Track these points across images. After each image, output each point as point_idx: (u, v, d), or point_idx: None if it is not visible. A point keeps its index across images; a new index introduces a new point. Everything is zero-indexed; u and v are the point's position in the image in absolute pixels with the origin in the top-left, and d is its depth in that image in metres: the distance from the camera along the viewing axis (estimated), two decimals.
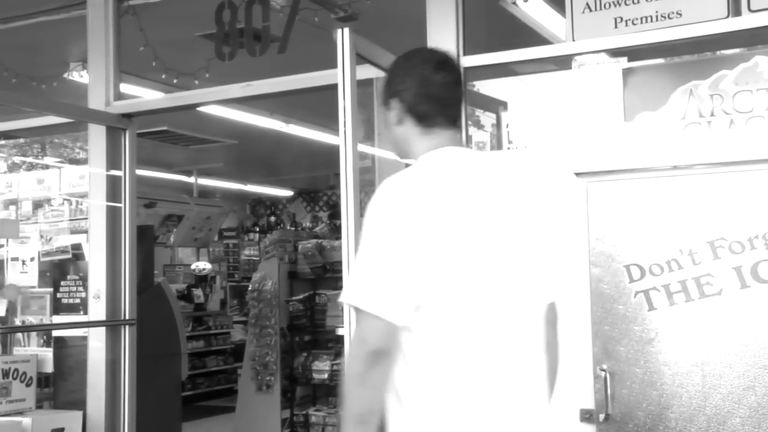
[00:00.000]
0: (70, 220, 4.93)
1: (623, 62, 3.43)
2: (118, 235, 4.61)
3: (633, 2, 3.46)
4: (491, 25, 4.25)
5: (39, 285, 4.91)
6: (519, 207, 1.92)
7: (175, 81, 4.70)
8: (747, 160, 2.75)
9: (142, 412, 4.59)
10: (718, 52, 3.51)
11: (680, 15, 3.37)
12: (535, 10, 3.95)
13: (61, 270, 4.85)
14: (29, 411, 4.41)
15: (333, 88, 3.06)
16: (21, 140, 5.63)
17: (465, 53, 3.75)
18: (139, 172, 4.80)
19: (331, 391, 6.71)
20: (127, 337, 4.53)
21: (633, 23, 3.45)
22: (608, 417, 2.82)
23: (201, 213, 9.68)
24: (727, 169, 2.78)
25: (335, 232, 7.61)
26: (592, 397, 2.86)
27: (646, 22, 3.42)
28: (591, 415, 2.87)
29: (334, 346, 6.72)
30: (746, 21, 3.28)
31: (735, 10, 3.29)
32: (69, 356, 4.78)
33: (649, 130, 3.33)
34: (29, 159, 5.65)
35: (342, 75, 3.03)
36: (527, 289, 1.90)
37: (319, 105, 5.73)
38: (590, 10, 3.52)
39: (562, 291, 2.02)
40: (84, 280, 4.72)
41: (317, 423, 6.55)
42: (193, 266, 10.63)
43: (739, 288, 2.72)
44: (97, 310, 4.59)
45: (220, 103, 5.24)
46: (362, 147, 3.94)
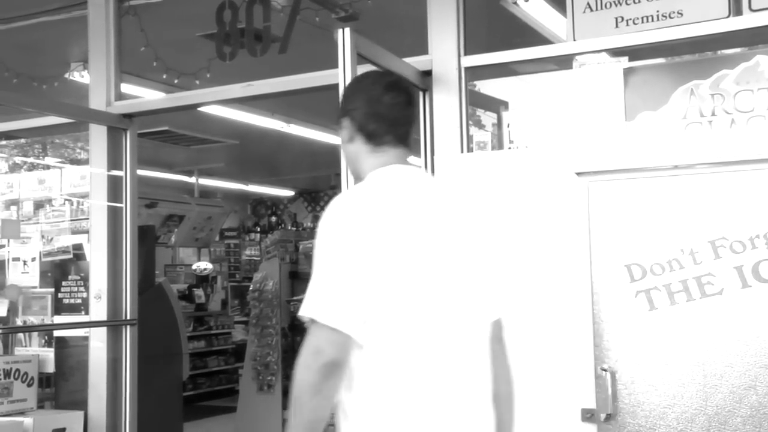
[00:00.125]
0: (72, 220, 4.93)
1: (624, 62, 3.44)
2: (120, 236, 4.61)
3: (634, 2, 3.46)
4: (492, 24, 4.25)
5: (40, 285, 4.91)
6: (461, 226, 1.99)
7: (176, 81, 4.70)
8: (748, 159, 2.75)
9: (143, 412, 4.59)
10: (719, 52, 3.51)
11: (681, 14, 3.37)
12: (535, 10, 3.95)
13: (63, 270, 4.85)
14: (31, 411, 4.42)
15: (334, 88, 3.05)
16: (22, 140, 5.64)
17: (466, 53, 3.75)
18: (140, 172, 4.80)
19: None
20: (128, 337, 4.53)
21: (634, 23, 3.45)
22: (609, 416, 2.82)
23: (202, 213, 9.69)
24: (728, 169, 2.78)
25: None
26: (594, 396, 2.86)
27: (647, 21, 3.42)
28: (592, 415, 2.87)
29: None
30: (747, 20, 3.28)
31: (736, 9, 3.29)
32: (70, 356, 4.79)
33: (650, 129, 3.33)
34: (30, 159, 5.66)
35: (343, 75, 3.04)
36: (471, 306, 1.96)
37: (319, 105, 5.74)
38: (591, 10, 3.52)
39: (506, 308, 2.07)
40: (85, 280, 4.72)
41: None
42: (194, 266, 10.63)
43: (741, 287, 2.72)
44: (98, 310, 4.59)
45: (221, 103, 5.24)
46: None
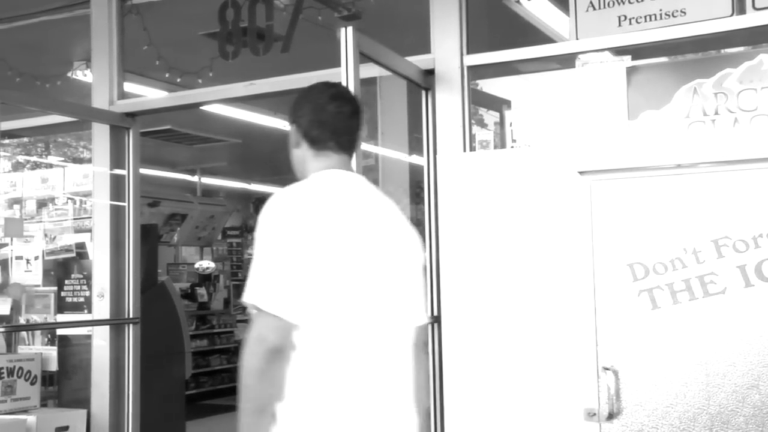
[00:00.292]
0: (74, 219, 4.94)
1: (627, 61, 3.43)
2: (122, 234, 4.61)
3: (637, 0, 3.45)
4: (495, 23, 4.25)
5: (43, 284, 4.92)
6: (391, 234, 2.11)
7: (178, 80, 4.70)
8: (751, 158, 2.74)
9: (146, 411, 4.60)
10: (723, 51, 3.51)
11: (684, 13, 3.36)
12: (538, 9, 3.95)
13: (65, 269, 4.86)
14: (34, 409, 4.43)
15: None
16: (25, 139, 5.65)
17: (468, 52, 3.75)
18: (142, 171, 4.81)
19: None
20: (131, 336, 4.54)
21: (637, 21, 3.44)
22: (612, 415, 2.82)
23: (204, 212, 9.70)
24: (731, 168, 2.77)
25: None
26: (597, 395, 2.86)
27: (650, 20, 3.42)
28: (595, 414, 2.87)
29: None
30: (751, 19, 3.27)
31: (739, 8, 3.29)
32: (73, 355, 4.80)
33: (652, 128, 3.33)
34: (33, 158, 5.67)
35: (345, 74, 3.04)
36: (397, 309, 2.08)
37: None
38: (594, 9, 3.52)
39: (425, 316, 2.21)
40: (88, 278, 4.72)
41: None
42: (196, 265, 10.63)
43: (743, 287, 2.71)
44: (101, 308, 4.60)
45: (224, 102, 5.23)
46: (366, 146, 3.95)
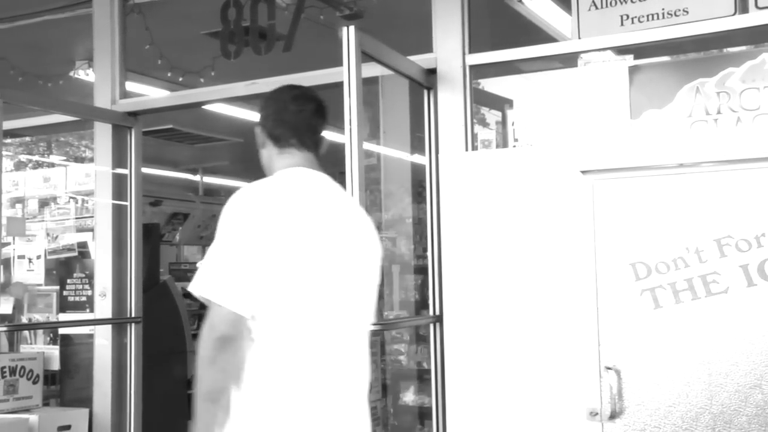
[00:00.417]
0: (76, 218, 4.94)
1: (629, 60, 3.43)
2: (124, 233, 4.62)
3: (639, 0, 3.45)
4: (497, 22, 4.24)
5: (45, 283, 4.93)
6: (352, 233, 2.16)
7: (180, 79, 4.71)
8: (754, 158, 2.74)
9: (148, 410, 4.60)
10: (725, 50, 3.50)
11: (687, 12, 3.36)
12: (540, 8, 3.94)
13: (68, 268, 4.86)
14: (36, 408, 4.43)
15: (338, 86, 3.06)
16: (27, 139, 5.66)
17: (470, 51, 3.75)
18: (144, 170, 4.80)
19: None
20: (133, 335, 4.54)
21: (639, 21, 3.44)
22: (614, 415, 2.82)
23: (206, 211, 9.68)
24: (733, 167, 2.77)
25: None
26: (599, 395, 2.86)
27: (653, 19, 3.42)
28: (597, 414, 2.87)
29: None
30: (753, 18, 3.27)
31: (742, 7, 3.28)
32: (75, 354, 4.80)
33: (655, 128, 3.33)
34: (35, 157, 5.67)
35: (347, 73, 3.03)
36: (354, 305, 2.13)
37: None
38: (596, 8, 3.51)
39: (373, 317, 2.27)
40: (90, 278, 4.73)
41: None
42: (198, 264, 10.64)
43: (746, 286, 2.71)
44: (103, 307, 4.60)
45: (226, 101, 5.23)
46: (367, 145, 3.94)
